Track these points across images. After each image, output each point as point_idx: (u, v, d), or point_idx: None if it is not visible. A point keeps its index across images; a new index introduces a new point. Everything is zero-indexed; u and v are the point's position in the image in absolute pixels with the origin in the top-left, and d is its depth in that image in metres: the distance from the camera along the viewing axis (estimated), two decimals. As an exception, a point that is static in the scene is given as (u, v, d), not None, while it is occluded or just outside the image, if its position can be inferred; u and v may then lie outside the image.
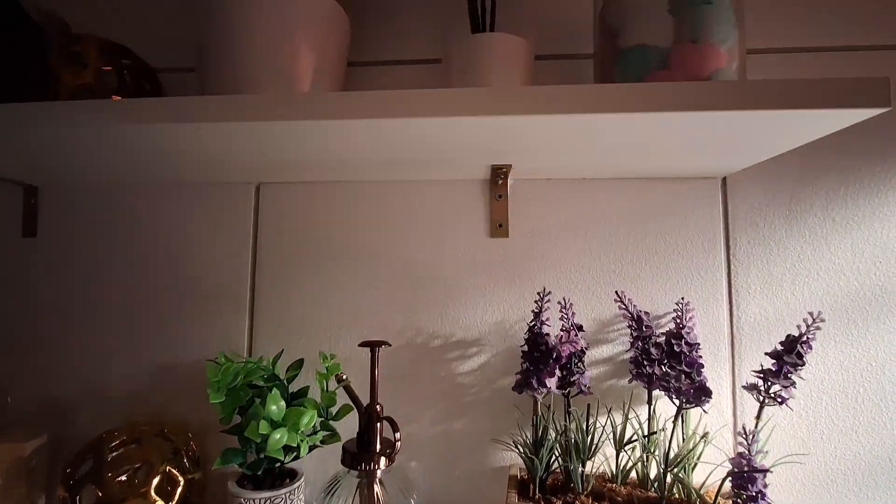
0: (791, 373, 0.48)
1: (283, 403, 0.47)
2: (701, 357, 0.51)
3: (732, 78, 0.44)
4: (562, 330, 0.51)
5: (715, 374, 0.56)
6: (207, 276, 0.63)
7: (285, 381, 0.54)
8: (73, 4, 0.68)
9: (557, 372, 0.45)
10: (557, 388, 0.48)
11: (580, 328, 0.52)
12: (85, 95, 0.53)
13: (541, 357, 0.45)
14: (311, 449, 0.52)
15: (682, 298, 0.57)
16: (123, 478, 0.51)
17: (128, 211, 0.65)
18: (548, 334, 0.47)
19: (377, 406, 0.49)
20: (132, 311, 0.64)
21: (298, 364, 0.57)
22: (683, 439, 0.51)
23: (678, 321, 0.54)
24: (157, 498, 0.51)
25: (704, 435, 0.49)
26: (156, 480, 0.52)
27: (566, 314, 0.52)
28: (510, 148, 0.48)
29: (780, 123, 0.40)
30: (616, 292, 0.54)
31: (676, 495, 0.49)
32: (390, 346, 0.51)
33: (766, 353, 0.50)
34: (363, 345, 0.50)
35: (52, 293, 0.65)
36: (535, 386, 0.45)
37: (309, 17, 0.50)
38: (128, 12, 0.67)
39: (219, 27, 0.48)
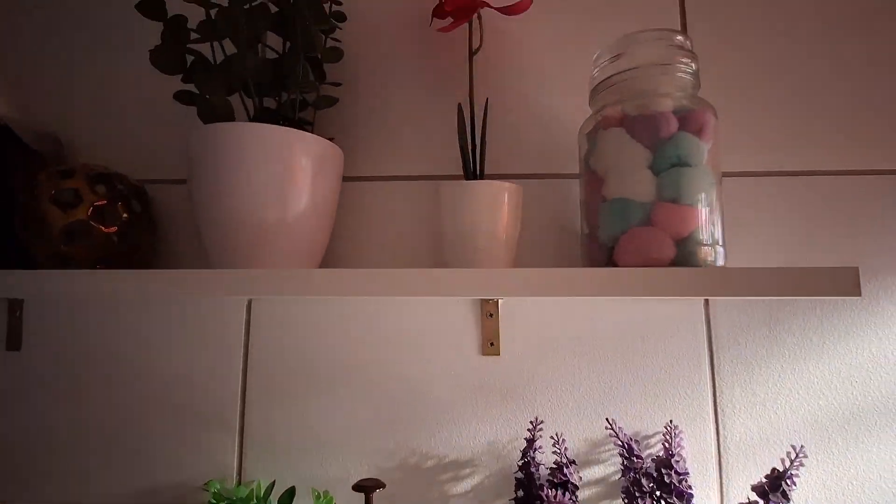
0: (777, 511, 0.49)
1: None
2: (690, 487, 0.52)
3: (711, 233, 0.47)
4: (554, 465, 0.52)
5: (704, 494, 0.57)
6: (196, 394, 0.63)
7: (277, 518, 0.54)
8: (56, 111, 0.68)
9: (552, 524, 0.45)
10: (551, 529, 0.48)
11: (572, 462, 0.52)
12: (76, 230, 0.53)
13: (535, 510, 0.45)
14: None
15: (671, 421, 0.58)
16: None
17: (114, 325, 0.65)
18: (542, 482, 0.48)
19: (371, 551, 0.49)
20: (116, 431, 0.63)
21: (290, 495, 0.56)
22: (676, 574, 0.51)
23: (667, 446, 0.55)
24: None
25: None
26: None
27: (559, 449, 0.53)
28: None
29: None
30: (607, 419, 0.55)
31: None
32: (385, 487, 0.50)
33: (752, 488, 0.51)
34: (357, 489, 0.50)
35: (35, 409, 0.64)
36: (530, 536, 0.46)
37: (303, 157, 0.51)
38: (117, 126, 0.68)
39: (213, 168, 0.49)
